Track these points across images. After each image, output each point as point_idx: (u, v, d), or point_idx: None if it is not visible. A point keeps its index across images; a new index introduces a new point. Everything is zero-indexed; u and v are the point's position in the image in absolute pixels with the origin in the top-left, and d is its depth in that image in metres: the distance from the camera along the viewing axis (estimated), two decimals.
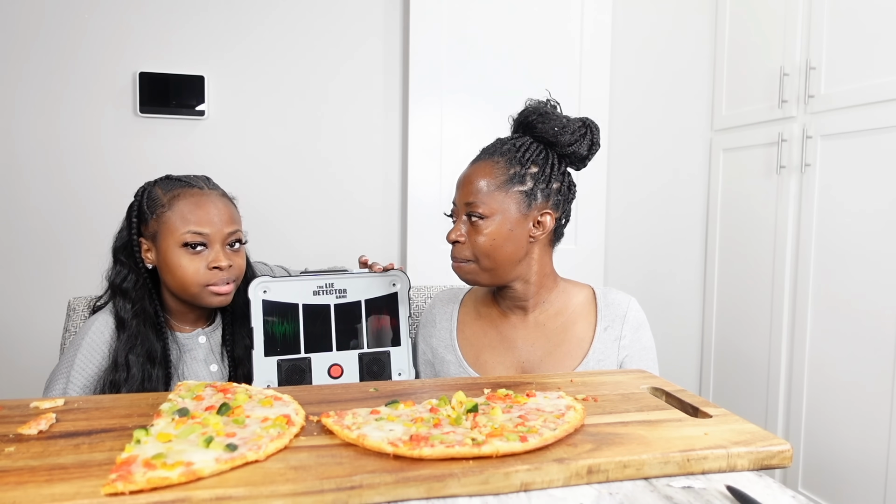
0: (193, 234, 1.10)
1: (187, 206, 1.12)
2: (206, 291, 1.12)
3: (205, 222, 1.12)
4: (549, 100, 1.16)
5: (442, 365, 1.21)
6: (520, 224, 1.09)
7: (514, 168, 1.09)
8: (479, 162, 1.12)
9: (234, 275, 1.15)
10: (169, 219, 1.12)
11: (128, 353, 1.11)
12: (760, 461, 0.67)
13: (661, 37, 2.52)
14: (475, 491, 0.60)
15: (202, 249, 1.12)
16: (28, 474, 0.58)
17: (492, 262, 1.08)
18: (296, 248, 2.26)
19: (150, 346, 1.13)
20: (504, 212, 1.08)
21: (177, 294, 1.16)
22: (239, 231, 1.17)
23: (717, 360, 2.51)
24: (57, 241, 2.10)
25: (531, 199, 1.09)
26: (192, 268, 1.11)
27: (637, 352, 1.16)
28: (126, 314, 1.14)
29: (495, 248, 1.07)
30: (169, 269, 1.12)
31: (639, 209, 2.55)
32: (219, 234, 1.13)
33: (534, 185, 1.09)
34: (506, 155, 1.10)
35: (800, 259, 2.09)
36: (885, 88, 1.79)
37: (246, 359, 1.19)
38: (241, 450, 0.61)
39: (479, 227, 1.08)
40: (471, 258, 1.09)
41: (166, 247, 1.12)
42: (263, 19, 2.20)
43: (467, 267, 1.10)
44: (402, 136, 2.33)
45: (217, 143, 2.19)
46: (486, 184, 1.08)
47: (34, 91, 2.06)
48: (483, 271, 1.10)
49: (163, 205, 1.13)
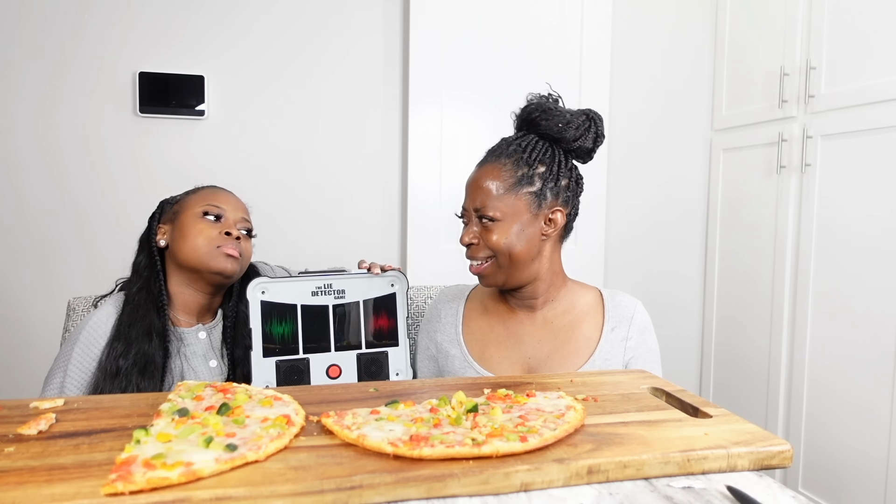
0: (213, 207, 1.22)
1: (209, 191, 1.27)
2: (216, 252, 1.18)
3: (223, 202, 1.24)
4: (551, 93, 1.15)
5: (446, 360, 1.21)
6: (531, 224, 1.09)
7: (522, 169, 1.09)
8: (486, 165, 1.12)
9: (243, 249, 1.22)
10: (190, 199, 1.24)
11: (129, 326, 1.15)
12: (761, 461, 0.67)
13: (661, 37, 2.52)
14: (475, 491, 0.60)
15: (218, 221, 1.21)
16: (28, 474, 0.58)
17: (507, 261, 1.09)
18: (295, 248, 2.25)
19: (151, 321, 1.16)
20: (515, 214, 1.08)
21: (186, 262, 1.19)
22: (250, 224, 1.28)
23: (717, 360, 2.51)
24: (57, 241, 2.10)
25: (541, 198, 1.09)
26: (208, 230, 1.19)
27: (642, 354, 1.16)
28: (132, 288, 1.20)
29: (509, 247, 1.08)
30: (183, 235, 1.19)
31: (639, 209, 2.55)
32: (234, 215, 1.24)
33: (542, 184, 1.09)
34: (512, 156, 1.10)
35: (800, 259, 2.09)
36: (885, 88, 1.79)
37: (245, 359, 1.19)
38: (241, 450, 0.61)
39: (491, 230, 1.08)
40: (490, 254, 1.10)
41: (185, 217, 1.21)
42: (263, 19, 2.20)
43: (488, 268, 1.11)
44: (402, 136, 2.33)
45: (217, 142, 2.19)
46: (495, 187, 1.08)
47: (34, 91, 2.06)
48: (501, 268, 1.10)
49: (186, 193, 1.28)
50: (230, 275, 1.19)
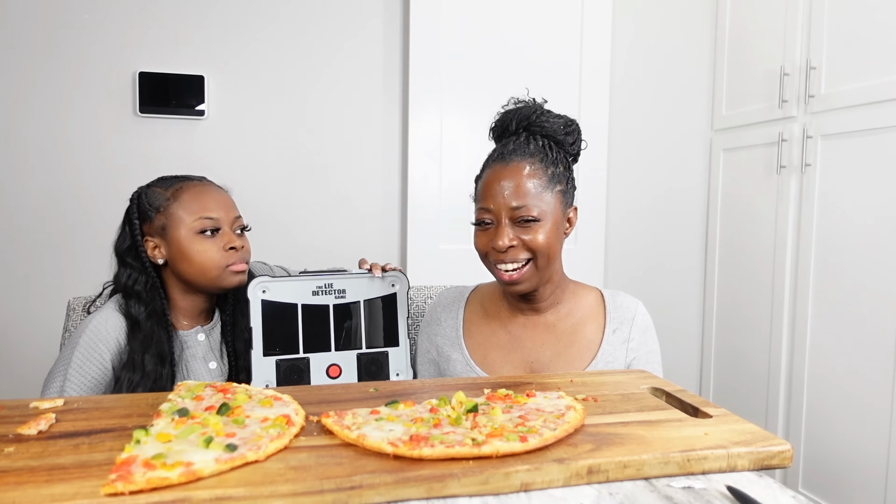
0: (207, 220, 1.16)
1: (192, 195, 1.18)
2: (226, 272, 1.16)
3: (213, 208, 1.17)
4: (534, 98, 1.14)
5: (448, 364, 1.20)
6: (561, 223, 1.09)
7: (551, 168, 1.07)
8: (515, 163, 1.06)
9: (245, 256, 1.20)
10: (176, 210, 1.16)
11: (144, 354, 1.13)
12: (761, 461, 0.67)
13: (661, 37, 2.52)
14: (475, 491, 0.60)
15: (216, 234, 1.17)
16: (28, 474, 0.58)
17: (546, 261, 1.07)
18: (295, 248, 2.25)
19: (161, 346, 1.15)
20: (552, 213, 1.06)
21: (194, 282, 1.17)
22: (241, 218, 1.23)
23: (717, 360, 2.51)
24: (57, 241, 2.10)
25: (567, 197, 1.10)
26: (212, 251, 1.15)
27: (644, 354, 1.16)
28: (140, 315, 1.15)
29: (549, 246, 1.06)
30: (186, 258, 1.15)
31: (639, 209, 2.55)
32: (227, 217, 1.19)
33: (567, 183, 1.10)
34: (536, 155, 1.07)
35: (800, 259, 2.09)
36: (885, 88, 1.79)
37: (246, 352, 1.19)
38: (240, 450, 0.61)
39: (534, 230, 1.05)
40: (529, 257, 1.06)
41: (179, 237, 1.15)
42: (264, 19, 2.20)
43: (525, 273, 1.06)
44: (402, 136, 2.33)
45: (217, 142, 2.19)
46: (533, 185, 1.05)
47: (34, 91, 2.05)
48: (538, 271, 1.07)
49: (167, 199, 1.17)
50: (239, 286, 1.19)
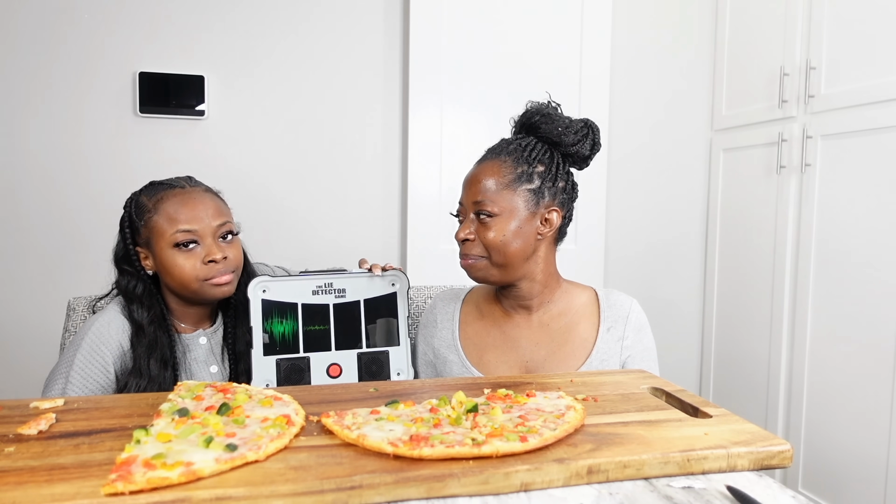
0: (183, 233, 1.12)
1: (172, 206, 1.14)
2: (206, 286, 1.14)
3: (191, 219, 1.13)
4: (551, 101, 1.17)
5: (444, 365, 1.21)
6: (528, 222, 1.10)
7: (522, 167, 1.10)
8: (486, 161, 1.13)
9: (231, 266, 1.16)
10: (157, 223, 1.14)
11: (149, 359, 1.13)
12: (760, 461, 0.67)
13: (661, 37, 2.52)
14: (475, 491, 0.60)
15: (194, 247, 1.13)
16: (28, 474, 0.58)
17: (502, 258, 1.09)
18: (295, 248, 2.25)
19: (164, 350, 1.15)
20: (513, 209, 1.09)
21: (179, 293, 1.17)
22: (229, 223, 1.18)
23: (717, 360, 2.51)
24: (57, 241, 2.10)
25: (539, 196, 1.11)
26: (188, 265, 1.12)
27: (639, 352, 1.17)
28: (143, 320, 1.15)
29: (505, 244, 1.08)
30: (166, 271, 1.14)
31: (639, 209, 2.55)
32: (208, 228, 1.14)
33: (541, 183, 1.11)
34: (512, 154, 1.12)
35: (800, 259, 2.09)
36: (885, 88, 1.79)
37: (247, 355, 1.19)
38: (241, 450, 0.61)
39: (488, 225, 1.09)
40: (482, 254, 1.10)
41: (159, 250, 1.14)
42: (264, 19, 2.20)
43: (478, 264, 1.11)
44: (402, 136, 2.33)
45: (217, 142, 2.19)
46: (494, 182, 1.09)
47: (34, 91, 2.05)
48: (494, 267, 1.11)
49: (149, 210, 1.15)
50: (225, 297, 1.18)
